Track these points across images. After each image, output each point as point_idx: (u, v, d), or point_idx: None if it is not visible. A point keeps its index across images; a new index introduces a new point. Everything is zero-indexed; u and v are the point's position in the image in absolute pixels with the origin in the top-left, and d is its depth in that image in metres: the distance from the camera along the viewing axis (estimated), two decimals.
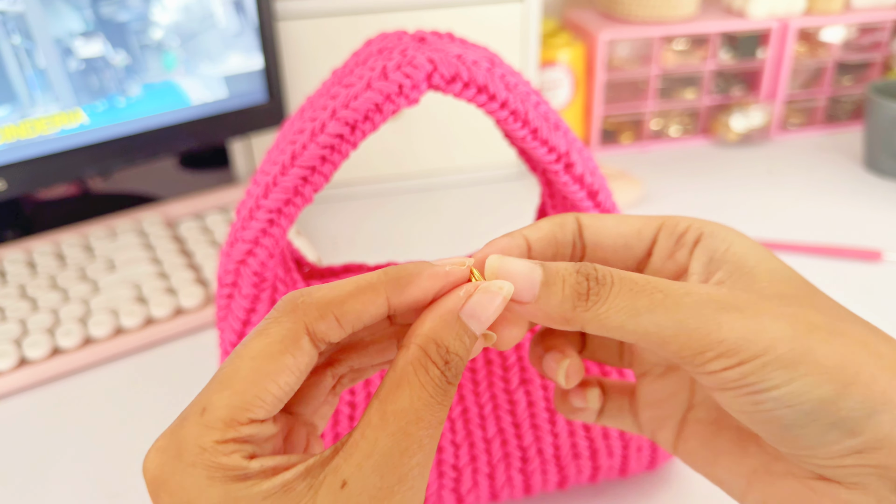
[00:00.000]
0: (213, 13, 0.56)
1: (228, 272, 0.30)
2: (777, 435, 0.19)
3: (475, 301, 0.19)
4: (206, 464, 0.17)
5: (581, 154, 0.29)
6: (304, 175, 0.27)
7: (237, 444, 0.17)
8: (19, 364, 0.47)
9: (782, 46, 0.77)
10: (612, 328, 0.19)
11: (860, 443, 0.18)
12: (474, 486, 0.34)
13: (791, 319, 0.18)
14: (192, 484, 0.17)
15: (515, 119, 0.27)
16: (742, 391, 0.18)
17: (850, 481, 0.18)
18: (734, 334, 0.18)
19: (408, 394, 0.18)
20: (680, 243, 0.21)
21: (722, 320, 0.18)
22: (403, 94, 0.25)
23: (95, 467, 0.41)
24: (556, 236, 0.22)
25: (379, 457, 0.17)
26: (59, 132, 0.52)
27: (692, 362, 0.18)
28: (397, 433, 0.17)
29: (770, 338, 0.18)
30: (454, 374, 0.18)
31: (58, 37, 0.50)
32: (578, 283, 0.19)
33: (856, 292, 0.54)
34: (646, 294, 0.18)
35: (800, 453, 0.19)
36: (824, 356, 0.18)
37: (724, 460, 0.22)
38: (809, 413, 0.18)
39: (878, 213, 0.65)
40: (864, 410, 0.17)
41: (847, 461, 0.18)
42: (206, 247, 0.57)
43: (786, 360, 0.18)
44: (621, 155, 0.80)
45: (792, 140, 0.82)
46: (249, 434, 0.18)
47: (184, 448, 0.17)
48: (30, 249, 0.56)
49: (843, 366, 0.18)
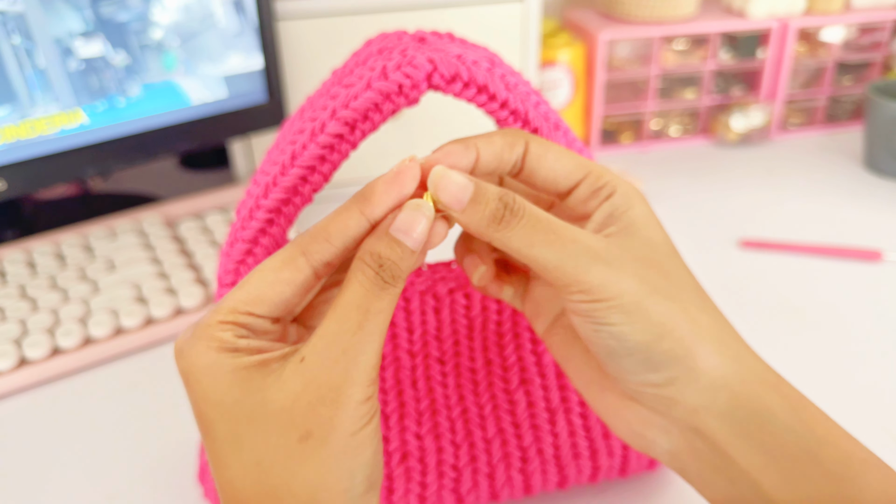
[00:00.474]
0: (213, 13, 0.56)
1: (228, 272, 0.30)
2: (605, 357, 0.24)
3: (401, 217, 0.23)
4: (207, 336, 0.22)
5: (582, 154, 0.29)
6: (304, 175, 0.27)
7: (233, 326, 0.23)
8: (19, 364, 0.47)
9: (782, 46, 0.77)
10: (512, 249, 0.24)
11: (658, 378, 0.24)
12: (474, 486, 0.34)
13: (641, 280, 0.23)
14: (196, 352, 0.22)
15: (515, 119, 0.27)
16: (588, 320, 0.24)
17: (650, 405, 0.24)
18: (596, 280, 0.23)
19: (349, 290, 0.23)
20: (595, 194, 0.25)
21: (591, 267, 0.23)
22: (403, 94, 0.25)
23: (95, 467, 0.41)
24: (503, 154, 0.25)
25: (328, 336, 0.22)
26: (58, 132, 0.52)
27: (561, 290, 0.24)
28: (340, 318, 0.22)
29: (620, 289, 0.23)
30: (390, 276, 0.23)
31: (58, 37, 0.50)
32: (497, 208, 0.23)
33: (856, 292, 0.54)
34: (543, 232, 0.23)
35: (619, 376, 0.25)
36: (654, 313, 0.23)
37: (574, 362, 0.28)
38: (629, 349, 0.23)
39: (878, 213, 0.65)
40: (667, 357, 0.23)
41: (648, 390, 0.24)
42: (206, 247, 0.57)
43: (626, 308, 0.23)
44: (621, 155, 0.80)
45: (792, 140, 0.82)
46: (246, 322, 0.23)
47: (198, 327, 0.23)
48: (30, 249, 0.56)
49: (664, 323, 0.23)
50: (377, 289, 0.22)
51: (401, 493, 0.34)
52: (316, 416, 0.21)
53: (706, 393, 0.23)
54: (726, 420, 0.23)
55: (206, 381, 0.22)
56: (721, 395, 0.23)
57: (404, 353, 0.34)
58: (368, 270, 0.23)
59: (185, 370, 0.23)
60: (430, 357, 0.34)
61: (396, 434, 0.34)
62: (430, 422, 0.34)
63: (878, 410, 0.43)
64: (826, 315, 0.52)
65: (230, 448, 0.22)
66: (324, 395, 0.21)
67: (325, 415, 0.21)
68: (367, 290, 0.22)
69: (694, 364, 0.23)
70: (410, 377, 0.34)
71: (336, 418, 0.21)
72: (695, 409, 0.23)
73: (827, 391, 0.45)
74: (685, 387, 0.23)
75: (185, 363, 0.23)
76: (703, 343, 0.24)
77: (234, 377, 0.22)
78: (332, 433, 0.21)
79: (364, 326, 0.22)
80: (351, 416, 0.22)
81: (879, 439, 0.41)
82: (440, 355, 0.34)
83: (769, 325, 0.51)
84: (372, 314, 0.22)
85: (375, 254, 0.23)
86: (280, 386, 0.22)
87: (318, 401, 0.21)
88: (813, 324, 0.51)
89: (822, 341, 0.49)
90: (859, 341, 0.49)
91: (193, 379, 0.22)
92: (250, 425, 0.22)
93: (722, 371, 0.23)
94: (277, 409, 0.21)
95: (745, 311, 0.52)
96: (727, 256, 0.59)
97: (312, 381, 0.22)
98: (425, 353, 0.34)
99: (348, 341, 0.22)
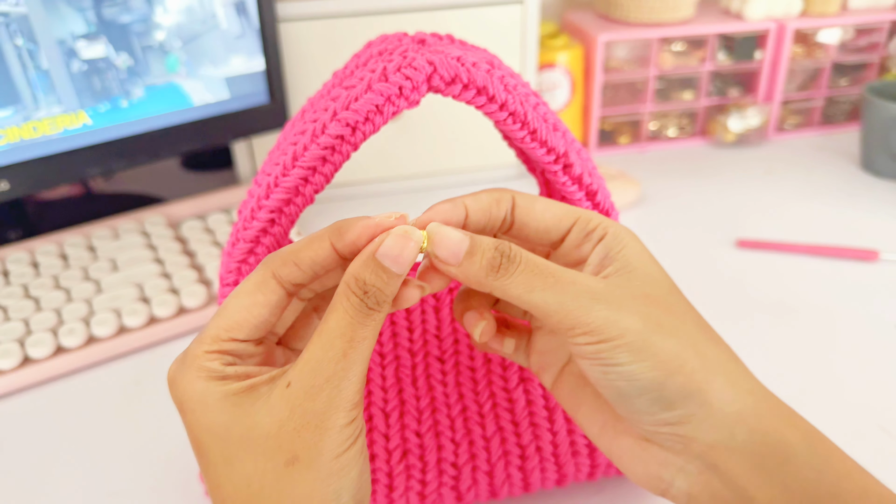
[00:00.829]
0: (215, 15, 0.56)
1: (230, 271, 0.30)
2: (616, 400, 0.24)
3: (387, 244, 0.23)
4: (196, 367, 0.23)
5: (580, 155, 0.30)
6: (305, 175, 0.27)
7: (220, 355, 0.24)
8: (23, 363, 0.47)
9: (779, 48, 0.77)
10: (512, 297, 0.24)
11: (673, 416, 0.23)
12: (474, 483, 0.35)
13: (644, 317, 0.23)
14: (187, 382, 0.23)
15: (514, 120, 0.27)
16: (595, 362, 0.23)
17: (666, 445, 0.24)
18: (599, 320, 0.23)
19: (335, 316, 0.23)
20: (587, 238, 0.26)
21: (593, 308, 0.23)
22: (403, 96, 0.26)
23: (98, 465, 0.41)
24: (492, 210, 0.26)
25: (312, 362, 0.23)
26: (61, 133, 0.53)
27: (565, 334, 0.24)
28: (325, 344, 0.23)
29: (624, 328, 0.23)
30: (374, 302, 0.23)
31: (61, 38, 0.51)
32: (494, 257, 0.24)
33: (853, 292, 0.54)
34: (542, 276, 0.23)
35: (632, 417, 0.24)
36: (661, 349, 0.23)
37: (584, 409, 0.27)
38: (641, 388, 0.23)
39: (875, 213, 0.66)
40: (680, 394, 0.23)
41: (663, 429, 0.23)
42: (208, 247, 0.57)
43: (632, 346, 0.23)
44: (619, 156, 0.80)
45: (789, 141, 0.82)
46: (230, 349, 0.24)
47: (186, 358, 0.24)
48: (33, 249, 0.56)
49: (673, 359, 0.23)
50: (362, 316, 0.23)
51: (401, 491, 0.34)
52: (301, 441, 0.22)
53: (723, 429, 0.23)
54: (745, 456, 0.23)
55: (198, 408, 0.23)
56: (738, 430, 0.23)
57: (404, 352, 0.34)
58: (353, 297, 0.23)
59: (178, 399, 0.24)
60: (430, 355, 0.34)
61: (396, 432, 0.34)
62: (429, 420, 0.34)
63: (875, 409, 0.43)
64: (823, 314, 0.52)
65: (223, 470, 0.23)
66: (308, 420, 0.22)
67: (310, 440, 0.22)
68: (351, 317, 0.23)
69: (708, 399, 0.23)
70: (410, 375, 0.34)
71: (321, 443, 0.22)
72: (712, 446, 0.23)
73: (825, 391, 0.45)
74: (701, 423, 0.23)
75: (178, 392, 0.24)
76: (714, 377, 0.23)
77: (223, 403, 0.23)
78: (317, 457, 0.22)
79: (348, 354, 0.23)
80: (335, 440, 0.22)
81: (877, 438, 0.41)
82: (440, 354, 0.35)
83: (766, 324, 0.51)
84: (356, 341, 0.23)
85: (361, 280, 0.23)
86: (268, 411, 0.22)
87: (302, 426, 0.22)
88: (810, 323, 0.51)
89: (820, 341, 0.49)
90: (857, 340, 0.49)
91: (187, 407, 0.23)
92: (240, 449, 0.22)
93: (737, 406, 0.23)
94: (265, 434, 0.22)
95: (743, 311, 0.53)
96: (724, 256, 0.60)
97: (298, 408, 0.22)
98: (425, 352, 0.34)
99: (332, 369, 0.22)
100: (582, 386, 0.27)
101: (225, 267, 0.31)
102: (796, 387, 0.45)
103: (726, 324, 0.51)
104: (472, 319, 0.29)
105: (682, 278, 0.57)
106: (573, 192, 0.29)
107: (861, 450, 0.40)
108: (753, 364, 0.47)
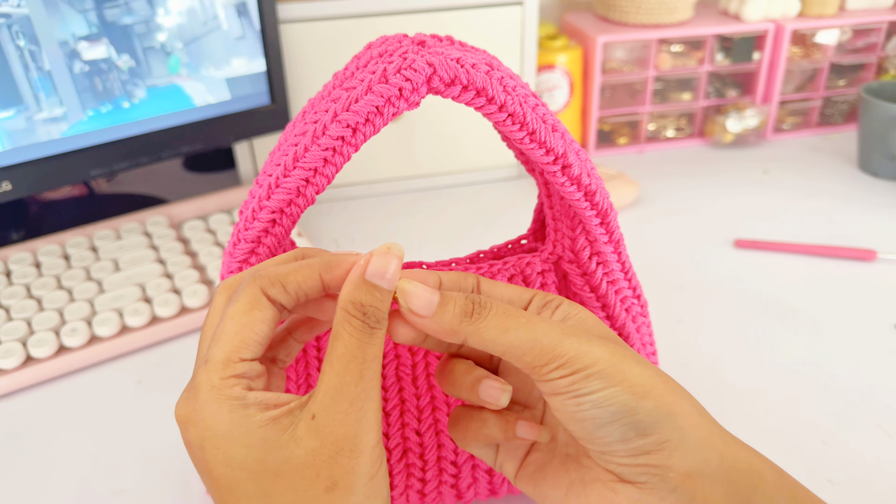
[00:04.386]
0: (217, 16, 0.56)
1: (232, 271, 0.30)
2: (591, 433, 0.24)
3: (374, 264, 0.24)
4: (216, 397, 0.23)
5: (578, 155, 0.30)
6: (306, 176, 0.27)
7: (236, 379, 0.23)
8: (25, 362, 0.47)
9: (777, 49, 0.78)
10: (487, 340, 0.25)
11: (647, 443, 0.24)
12: (473, 482, 0.35)
13: (611, 349, 0.25)
14: (209, 415, 0.23)
15: (513, 121, 0.27)
16: (569, 395, 0.24)
17: (640, 481, 0.24)
18: (571, 351, 0.24)
19: (341, 343, 0.23)
20: (546, 307, 0.28)
21: (564, 340, 0.24)
22: (403, 98, 0.26)
23: (99, 464, 0.41)
24: (461, 282, 0.28)
25: (332, 391, 0.23)
26: (64, 134, 0.53)
27: (539, 371, 0.24)
28: (340, 371, 0.23)
29: (595, 357, 0.24)
30: (375, 320, 0.24)
31: (62, 39, 0.51)
32: (466, 304, 0.25)
33: (851, 291, 0.55)
34: (514, 317, 0.25)
35: (606, 451, 0.24)
36: (631, 375, 0.24)
37: (549, 479, 0.28)
38: (614, 413, 0.23)
39: (872, 213, 0.66)
40: (653, 416, 0.23)
41: (639, 460, 0.24)
42: (209, 247, 0.57)
43: (604, 373, 0.24)
44: (618, 156, 0.81)
45: (787, 141, 0.82)
46: (243, 371, 0.23)
47: (199, 391, 0.23)
48: (35, 250, 0.56)
49: (643, 383, 0.24)
50: (367, 336, 0.23)
51: (401, 489, 0.35)
52: (338, 468, 0.23)
53: (696, 453, 0.23)
54: (720, 484, 0.23)
55: (224, 444, 0.22)
56: (711, 456, 0.23)
57: (405, 351, 0.34)
58: (355, 321, 0.23)
59: (198, 436, 0.23)
60: (430, 354, 0.34)
61: (397, 430, 0.34)
62: (429, 418, 0.34)
63: (873, 408, 0.43)
64: (821, 314, 0.52)
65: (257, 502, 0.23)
66: (342, 447, 0.23)
67: (347, 465, 0.23)
68: (358, 339, 0.23)
69: (679, 423, 0.24)
70: (411, 374, 0.34)
71: (357, 466, 0.23)
72: (688, 474, 0.23)
73: (823, 390, 0.45)
74: (675, 449, 0.23)
75: (198, 430, 0.23)
76: (682, 402, 0.24)
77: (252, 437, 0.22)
78: (355, 481, 0.23)
79: (364, 375, 0.23)
80: (368, 461, 0.23)
81: (875, 436, 0.41)
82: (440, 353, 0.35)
83: (764, 324, 0.51)
84: (368, 361, 0.23)
85: (358, 303, 0.24)
86: (298, 443, 0.23)
87: (336, 453, 0.23)
88: (808, 323, 0.51)
89: (818, 340, 0.50)
90: (855, 340, 0.49)
91: (211, 445, 0.23)
92: (278, 481, 0.22)
93: (706, 431, 0.24)
94: (300, 465, 0.22)
95: (740, 311, 0.53)
96: (722, 256, 0.60)
97: (329, 436, 0.23)
98: (425, 351, 0.35)
99: (353, 392, 0.23)
100: (549, 460, 0.28)
101: (226, 267, 0.31)
102: (795, 387, 0.45)
103: (724, 324, 0.52)
104: (494, 385, 0.27)
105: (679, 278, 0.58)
106: (572, 192, 0.30)
107: (859, 449, 0.41)
108: (751, 364, 0.48)
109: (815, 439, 0.41)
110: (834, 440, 0.41)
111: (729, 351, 0.49)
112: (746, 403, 0.44)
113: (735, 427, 0.42)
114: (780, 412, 0.43)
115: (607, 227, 0.31)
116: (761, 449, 0.26)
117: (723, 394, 0.45)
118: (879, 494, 0.38)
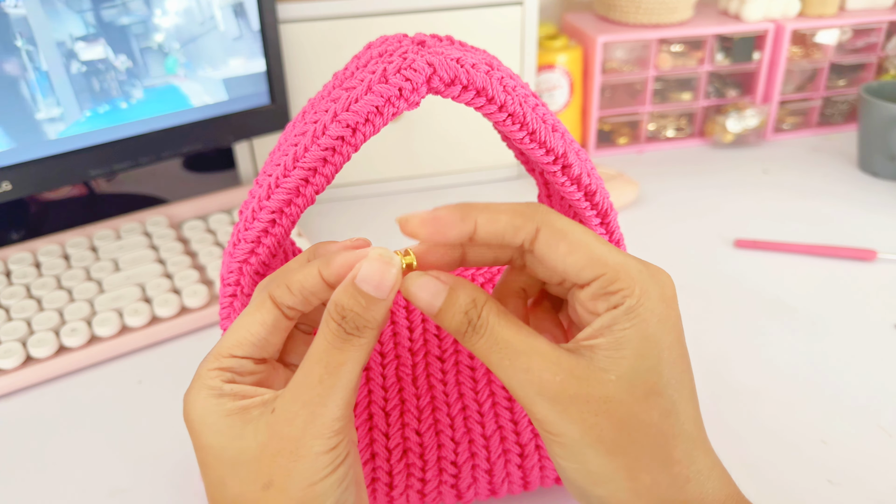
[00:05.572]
0: (214, 17, 0.56)
1: (231, 271, 0.30)
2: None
3: (364, 269, 0.23)
4: (200, 384, 0.24)
5: (578, 155, 0.30)
6: (306, 176, 0.27)
7: (220, 371, 0.24)
8: (25, 362, 0.47)
9: (777, 49, 0.78)
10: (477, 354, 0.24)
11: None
12: (473, 482, 0.35)
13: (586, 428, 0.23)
14: (192, 401, 0.24)
15: (513, 121, 0.27)
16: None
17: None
18: (540, 414, 0.23)
19: (315, 342, 0.23)
20: (604, 298, 0.23)
21: (536, 400, 0.23)
22: (403, 98, 0.26)
23: (99, 464, 0.41)
24: (506, 237, 0.24)
25: (292, 388, 0.23)
26: (62, 134, 0.53)
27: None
28: (305, 370, 0.23)
29: (561, 430, 0.23)
30: (353, 327, 0.23)
31: (60, 40, 0.51)
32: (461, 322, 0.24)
33: (851, 291, 0.55)
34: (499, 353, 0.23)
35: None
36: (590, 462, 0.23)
37: None
38: (567, 479, 0.24)
39: (872, 213, 0.66)
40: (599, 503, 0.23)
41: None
42: (209, 247, 0.57)
43: (565, 449, 0.23)
44: (618, 156, 0.81)
45: (787, 141, 0.82)
46: (229, 365, 0.24)
47: (196, 377, 0.25)
48: (35, 250, 0.56)
49: (600, 475, 0.23)
50: (339, 341, 0.23)
51: (401, 489, 0.35)
52: (277, 467, 0.23)
53: None
54: None
55: (198, 428, 0.24)
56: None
57: (405, 351, 0.34)
58: (332, 323, 0.23)
59: (186, 419, 0.24)
60: (431, 355, 0.34)
61: (397, 430, 0.34)
62: (430, 418, 0.34)
63: (873, 408, 0.43)
64: (821, 314, 0.52)
65: (217, 489, 0.24)
66: (283, 446, 0.23)
67: (284, 466, 0.22)
68: (329, 342, 0.23)
69: None
70: (411, 374, 0.34)
71: (294, 470, 0.22)
72: None
73: (823, 391, 0.45)
74: None
75: (186, 412, 0.24)
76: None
77: (220, 424, 0.23)
78: (290, 484, 0.22)
79: (324, 380, 0.23)
80: (309, 467, 0.22)
81: (875, 437, 0.41)
82: (440, 353, 0.35)
83: (764, 324, 0.51)
84: (333, 366, 0.23)
85: (339, 305, 0.23)
86: (254, 435, 0.23)
87: (278, 452, 0.23)
88: (808, 323, 0.51)
89: (818, 341, 0.50)
90: (855, 340, 0.49)
91: (192, 427, 0.24)
92: (231, 471, 0.23)
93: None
94: (250, 458, 0.23)
95: (740, 311, 0.53)
96: (722, 256, 0.60)
97: (277, 433, 0.23)
98: (426, 351, 0.35)
99: (308, 395, 0.23)
100: None
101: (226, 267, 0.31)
102: (795, 386, 0.45)
103: (724, 324, 0.52)
104: None
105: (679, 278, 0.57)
106: (572, 192, 0.30)
107: (859, 449, 0.41)
108: (751, 364, 0.48)
109: (815, 439, 0.41)
110: (834, 440, 0.41)
111: (729, 351, 0.49)
112: (746, 403, 0.44)
113: (735, 427, 0.42)
114: (780, 412, 0.43)
115: (607, 227, 0.31)
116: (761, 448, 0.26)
117: (723, 394, 0.45)
118: (879, 494, 0.37)
